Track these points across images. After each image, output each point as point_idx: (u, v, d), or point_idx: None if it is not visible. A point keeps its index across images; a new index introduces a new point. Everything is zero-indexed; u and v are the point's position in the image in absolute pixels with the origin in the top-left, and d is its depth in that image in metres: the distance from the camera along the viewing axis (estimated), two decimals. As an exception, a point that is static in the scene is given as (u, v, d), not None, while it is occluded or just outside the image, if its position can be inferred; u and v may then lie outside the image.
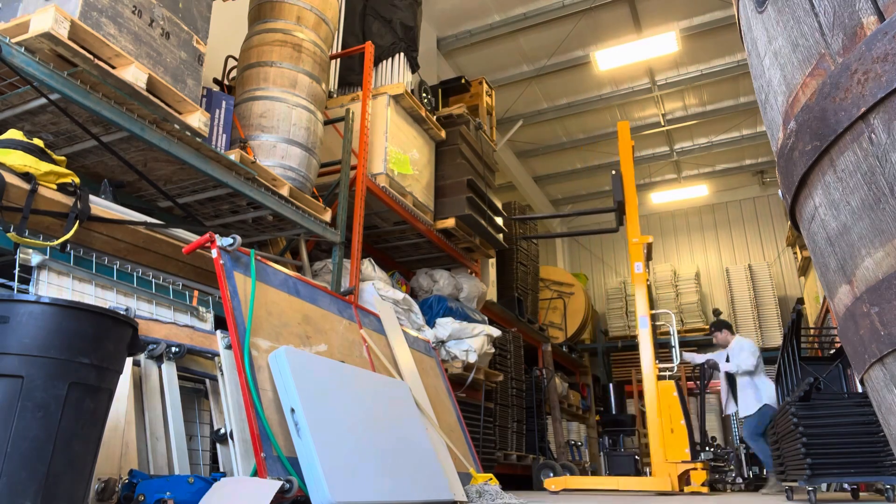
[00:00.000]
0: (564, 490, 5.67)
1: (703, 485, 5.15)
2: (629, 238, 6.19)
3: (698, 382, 7.11)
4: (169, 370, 2.50)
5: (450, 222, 6.05)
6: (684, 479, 5.27)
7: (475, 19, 9.63)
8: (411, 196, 5.58)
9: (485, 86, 7.68)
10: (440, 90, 7.25)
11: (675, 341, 6.03)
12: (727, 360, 6.77)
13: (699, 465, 5.21)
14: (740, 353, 6.61)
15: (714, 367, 6.92)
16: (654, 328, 5.93)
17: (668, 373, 5.88)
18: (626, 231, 6.27)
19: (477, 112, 7.46)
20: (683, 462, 5.20)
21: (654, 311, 5.88)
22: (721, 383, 6.86)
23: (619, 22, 9.58)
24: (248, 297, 2.67)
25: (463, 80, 7.53)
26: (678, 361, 5.85)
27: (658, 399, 5.53)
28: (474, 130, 6.78)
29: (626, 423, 8.60)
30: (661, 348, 12.59)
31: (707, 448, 6.27)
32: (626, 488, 5.52)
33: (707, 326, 12.57)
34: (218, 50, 5.06)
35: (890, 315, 0.79)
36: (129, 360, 2.33)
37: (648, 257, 6.31)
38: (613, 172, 6.48)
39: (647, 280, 5.98)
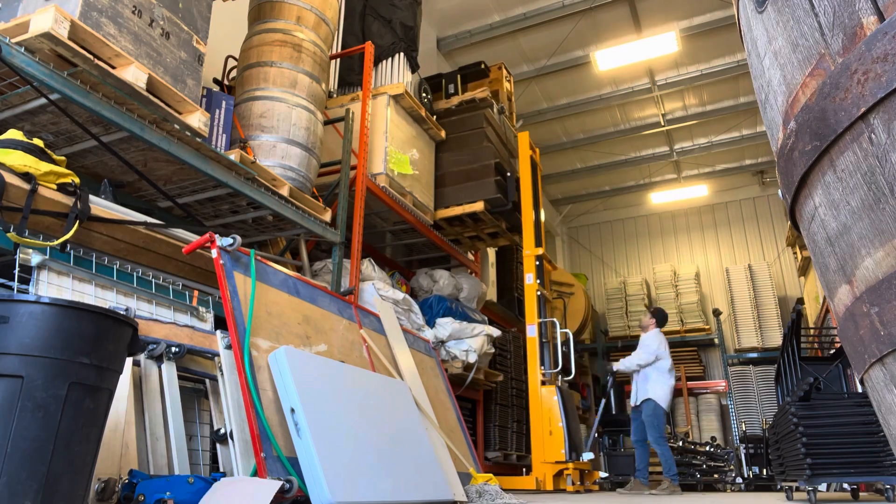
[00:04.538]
0: None
1: (577, 483, 5.46)
2: (523, 250, 6.34)
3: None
4: (169, 370, 2.50)
5: (478, 206, 5.96)
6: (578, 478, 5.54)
7: (475, 19, 9.63)
8: (411, 196, 5.57)
9: (504, 71, 7.56)
10: (459, 76, 7.10)
11: (559, 347, 6.11)
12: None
13: (570, 465, 5.50)
14: (639, 348, 6.42)
15: (610, 371, 6.83)
16: (546, 335, 6.18)
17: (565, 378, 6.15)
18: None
19: (497, 97, 7.34)
20: (558, 462, 5.56)
21: (541, 320, 6.14)
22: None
23: (619, 22, 9.58)
24: (248, 297, 2.67)
25: (483, 66, 7.41)
26: (557, 369, 6.03)
27: (539, 403, 5.82)
28: (497, 114, 6.68)
29: (625, 422, 8.60)
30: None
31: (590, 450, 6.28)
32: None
33: (707, 327, 12.57)
34: (218, 50, 5.06)
35: (890, 315, 0.79)
36: (129, 360, 2.33)
37: (541, 268, 6.36)
38: (508, 174, 6.42)
39: (539, 291, 6.21)
